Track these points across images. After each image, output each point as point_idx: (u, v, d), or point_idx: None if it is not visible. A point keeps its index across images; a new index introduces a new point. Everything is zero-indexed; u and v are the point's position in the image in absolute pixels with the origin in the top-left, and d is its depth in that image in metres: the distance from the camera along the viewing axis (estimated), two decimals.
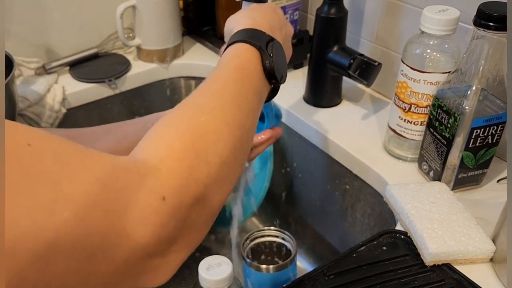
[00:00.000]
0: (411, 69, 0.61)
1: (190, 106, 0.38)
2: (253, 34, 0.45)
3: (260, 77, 0.43)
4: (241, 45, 0.44)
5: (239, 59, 0.43)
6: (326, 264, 0.53)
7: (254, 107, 0.42)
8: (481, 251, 0.52)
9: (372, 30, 0.79)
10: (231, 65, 0.42)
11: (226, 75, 0.41)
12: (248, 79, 0.42)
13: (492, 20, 0.52)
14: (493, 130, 0.58)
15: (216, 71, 0.42)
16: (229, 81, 0.41)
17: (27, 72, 0.84)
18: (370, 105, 0.80)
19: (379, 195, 0.67)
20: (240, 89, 0.40)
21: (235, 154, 0.37)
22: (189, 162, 0.32)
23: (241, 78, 0.41)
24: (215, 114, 0.37)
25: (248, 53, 0.43)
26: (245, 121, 0.39)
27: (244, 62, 0.43)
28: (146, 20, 0.89)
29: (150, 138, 0.34)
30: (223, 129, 0.36)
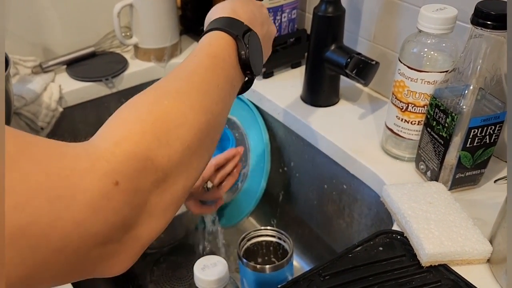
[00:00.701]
0: (408, 68, 0.61)
1: (154, 89, 0.37)
2: (230, 23, 0.44)
3: (234, 66, 0.42)
4: (217, 32, 0.43)
5: (212, 46, 0.42)
6: (321, 265, 0.52)
7: (225, 95, 0.40)
8: (478, 252, 0.52)
9: (369, 29, 0.79)
10: (204, 52, 0.41)
11: (198, 61, 0.40)
12: (220, 66, 0.41)
13: (489, 19, 0.51)
14: (491, 130, 0.57)
15: (188, 57, 0.41)
16: (200, 67, 0.40)
17: (23, 70, 0.84)
18: (367, 105, 0.79)
19: (376, 195, 0.66)
20: (211, 76, 0.39)
21: (201, 139, 0.35)
22: (147, 145, 0.31)
23: (212, 65, 0.40)
24: (180, 98, 0.35)
25: (223, 40, 0.42)
26: (213, 107, 0.38)
27: (218, 49, 0.41)
28: (144, 18, 0.89)
29: (109, 122, 0.33)
30: (188, 113, 0.35)
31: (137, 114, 0.33)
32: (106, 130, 0.33)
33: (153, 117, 0.33)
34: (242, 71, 0.43)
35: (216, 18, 0.45)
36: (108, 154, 0.29)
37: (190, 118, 0.35)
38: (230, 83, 0.42)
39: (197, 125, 0.35)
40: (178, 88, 0.37)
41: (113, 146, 0.30)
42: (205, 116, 0.36)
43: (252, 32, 0.45)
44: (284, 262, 0.63)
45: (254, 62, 0.44)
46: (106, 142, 0.30)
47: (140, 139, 0.31)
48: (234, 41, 0.43)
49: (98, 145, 0.30)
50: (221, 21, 0.44)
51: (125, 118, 0.33)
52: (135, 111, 0.34)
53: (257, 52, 0.45)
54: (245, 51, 0.42)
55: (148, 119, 0.33)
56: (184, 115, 0.35)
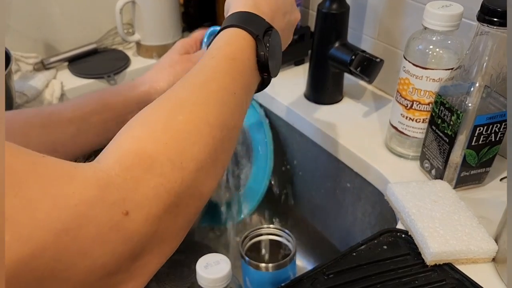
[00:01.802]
0: (413, 65, 0.60)
1: (169, 100, 0.35)
2: (251, 19, 0.41)
3: (252, 68, 0.40)
4: (236, 30, 0.40)
5: (232, 46, 0.39)
6: (325, 263, 0.52)
7: (242, 103, 0.38)
8: (483, 251, 0.51)
9: (374, 26, 0.78)
10: (222, 53, 0.39)
11: (215, 64, 0.38)
12: (238, 70, 0.38)
13: (496, 16, 0.51)
14: (496, 128, 0.57)
15: (205, 58, 0.39)
16: (217, 72, 0.37)
17: (25, 67, 0.84)
18: (371, 102, 0.79)
19: (380, 193, 0.66)
20: (229, 83, 0.37)
21: (215, 157, 0.33)
22: (160, 170, 0.29)
23: (231, 70, 0.38)
24: (196, 112, 0.33)
25: (243, 41, 0.40)
26: (229, 120, 0.36)
27: (237, 51, 0.39)
28: (146, 15, 0.89)
29: (120, 138, 0.31)
30: (203, 129, 0.33)
31: (150, 132, 0.31)
32: (116, 149, 0.30)
33: (167, 137, 0.31)
34: (260, 73, 0.41)
35: (237, 11, 0.42)
36: (119, 180, 0.28)
37: (205, 134, 0.33)
38: (248, 88, 0.40)
39: (212, 141, 0.33)
40: (194, 99, 0.34)
41: (125, 172, 0.28)
42: (221, 131, 0.34)
43: (274, 31, 0.42)
44: (287, 260, 0.63)
45: (273, 64, 0.42)
46: (116, 166, 0.28)
47: (153, 163, 0.29)
48: (254, 41, 0.40)
49: (108, 168, 0.28)
50: (242, 17, 0.41)
51: (137, 137, 0.31)
52: (148, 129, 0.32)
53: (277, 52, 0.43)
54: (264, 52, 0.40)
55: (161, 138, 0.31)
56: (200, 132, 0.33)
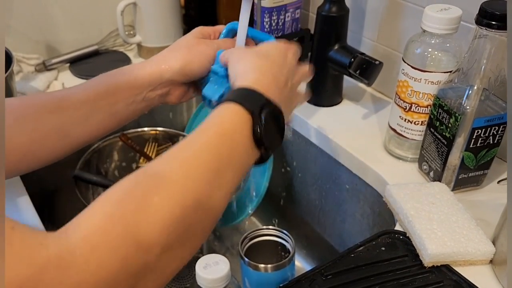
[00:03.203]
0: (412, 68, 0.61)
1: (149, 177, 0.33)
2: (249, 95, 0.41)
3: (247, 144, 0.39)
4: (231, 106, 0.40)
5: (224, 123, 0.39)
6: (324, 264, 0.52)
7: (226, 182, 0.37)
8: (480, 253, 0.51)
9: (373, 29, 0.79)
10: (214, 128, 0.38)
11: (204, 140, 0.37)
12: (228, 147, 0.38)
13: (494, 19, 0.51)
14: (495, 131, 0.57)
15: (196, 132, 0.38)
16: (204, 148, 0.36)
17: (27, 68, 0.84)
18: (370, 105, 0.79)
19: (378, 195, 0.66)
20: (214, 160, 0.36)
21: (184, 240, 0.32)
22: (125, 252, 0.28)
23: (219, 146, 0.37)
24: (173, 193, 0.32)
25: (237, 116, 0.39)
26: (207, 200, 0.34)
27: (229, 127, 0.38)
28: (147, 17, 0.89)
29: (94, 210, 0.30)
30: (177, 213, 0.32)
31: (122, 212, 0.30)
32: (87, 222, 0.29)
33: (138, 219, 0.30)
34: (257, 148, 0.40)
35: (237, 87, 0.42)
36: (81, 261, 0.27)
37: (179, 216, 0.32)
38: (238, 165, 0.39)
39: (183, 225, 0.32)
40: (174, 177, 0.33)
41: (89, 253, 0.27)
42: (195, 213, 0.33)
43: (272, 105, 0.41)
44: (286, 261, 0.63)
45: (270, 139, 0.41)
46: (83, 244, 0.28)
47: (120, 245, 0.28)
48: (249, 116, 0.39)
49: (74, 246, 0.28)
50: (240, 93, 0.41)
51: (109, 214, 0.30)
52: (121, 207, 0.30)
53: (275, 127, 0.41)
54: (260, 128, 0.39)
55: (132, 220, 0.30)
56: (172, 216, 0.31)
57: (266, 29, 0.84)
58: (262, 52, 0.47)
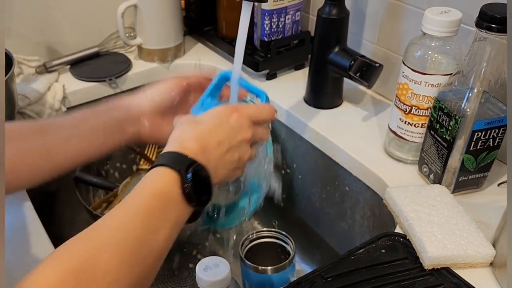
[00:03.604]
0: (412, 70, 0.61)
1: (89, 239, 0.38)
2: (175, 157, 0.45)
3: (178, 201, 0.43)
4: (160, 168, 0.44)
5: (154, 183, 0.43)
6: (324, 266, 0.52)
7: (164, 239, 0.41)
8: (481, 255, 0.52)
9: (373, 31, 0.79)
10: (146, 190, 0.42)
11: (138, 202, 0.41)
12: (161, 205, 0.41)
13: (494, 22, 0.51)
14: (495, 133, 0.57)
15: (130, 195, 0.42)
16: (139, 210, 0.40)
17: (27, 70, 0.84)
18: (371, 107, 0.79)
19: (379, 197, 0.66)
20: (150, 220, 0.40)
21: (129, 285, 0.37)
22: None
23: (153, 205, 0.41)
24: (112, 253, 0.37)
25: (167, 176, 0.43)
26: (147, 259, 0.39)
27: (161, 185, 0.42)
28: (147, 19, 0.89)
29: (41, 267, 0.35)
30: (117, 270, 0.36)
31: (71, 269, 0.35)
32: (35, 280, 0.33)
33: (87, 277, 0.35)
34: (188, 203, 0.44)
35: (163, 153, 0.46)
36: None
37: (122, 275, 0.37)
38: (173, 222, 0.42)
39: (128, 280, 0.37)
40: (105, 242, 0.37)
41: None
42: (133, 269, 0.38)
43: (198, 164, 0.45)
44: (286, 263, 0.63)
45: (199, 195, 0.44)
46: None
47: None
48: (178, 176, 0.43)
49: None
50: (166, 156, 0.45)
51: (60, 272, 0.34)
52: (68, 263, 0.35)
53: (202, 184, 0.45)
54: (187, 184, 0.43)
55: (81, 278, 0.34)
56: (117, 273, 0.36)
57: (266, 31, 0.84)
58: (198, 119, 0.50)
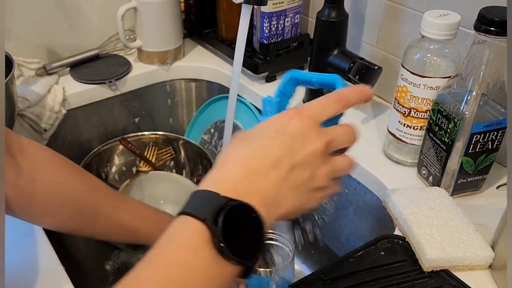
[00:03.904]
0: (411, 73, 0.61)
1: None
2: (203, 200, 0.33)
3: (212, 259, 0.32)
4: (182, 218, 0.33)
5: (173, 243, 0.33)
6: (323, 269, 0.52)
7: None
8: (479, 258, 0.52)
9: (373, 34, 0.79)
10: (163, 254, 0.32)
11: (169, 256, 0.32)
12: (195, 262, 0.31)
13: (493, 25, 0.52)
14: (493, 136, 0.57)
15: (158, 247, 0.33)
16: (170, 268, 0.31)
17: (27, 72, 0.84)
18: (370, 109, 0.80)
19: (378, 199, 0.66)
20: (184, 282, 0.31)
21: None
22: None
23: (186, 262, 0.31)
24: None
25: (189, 231, 0.32)
26: None
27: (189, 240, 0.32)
28: (147, 22, 0.89)
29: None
30: None
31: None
32: None
33: None
34: (227, 259, 0.32)
35: (195, 192, 0.35)
36: None
37: None
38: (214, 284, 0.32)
39: None
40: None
41: None
42: None
43: (233, 204, 0.32)
44: (286, 265, 0.64)
45: (243, 246, 0.33)
46: None
47: None
48: (204, 226, 0.32)
49: None
50: (194, 199, 0.34)
51: None
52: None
53: (248, 228, 0.33)
54: (218, 237, 0.31)
55: None
56: None
57: (266, 33, 0.85)
58: (249, 135, 0.38)
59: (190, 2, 0.98)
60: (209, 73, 0.95)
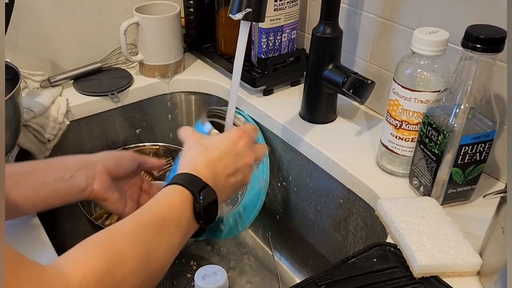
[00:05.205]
0: (402, 87, 0.63)
1: (116, 232, 0.44)
2: (190, 179, 0.51)
3: (189, 216, 0.50)
4: (177, 187, 0.50)
5: (172, 199, 0.49)
6: (317, 274, 0.54)
7: (173, 245, 0.47)
8: (468, 265, 0.53)
9: (366, 49, 0.82)
10: (164, 202, 0.49)
11: (157, 210, 0.48)
12: (174, 217, 0.48)
13: (479, 42, 0.54)
14: (481, 148, 0.60)
15: (150, 204, 0.48)
16: (157, 217, 0.47)
17: (32, 84, 0.87)
18: (363, 122, 0.82)
19: (371, 208, 0.68)
20: (165, 227, 0.46)
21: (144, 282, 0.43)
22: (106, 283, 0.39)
23: (168, 216, 0.47)
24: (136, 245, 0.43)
25: (182, 194, 0.50)
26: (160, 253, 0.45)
27: (177, 202, 0.49)
28: (149, 36, 0.92)
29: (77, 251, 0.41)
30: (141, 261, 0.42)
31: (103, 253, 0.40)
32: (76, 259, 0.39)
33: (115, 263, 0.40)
34: (196, 221, 0.50)
35: (180, 173, 0.52)
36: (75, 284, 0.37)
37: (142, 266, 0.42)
38: (182, 233, 0.49)
39: (146, 272, 0.43)
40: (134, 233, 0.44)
41: (80, 279, 0.37)
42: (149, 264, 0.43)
43: (209, 188, 0.52)
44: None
45: (207, 215, 0.51)
46: (75, 274, 0.38)
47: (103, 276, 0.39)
48: (191, 196, 0.50)
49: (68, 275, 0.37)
50: (183, 177, 0.52)
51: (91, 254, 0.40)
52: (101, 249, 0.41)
53: (210, 206, 0.51)
54: (199, 205, 0.50)
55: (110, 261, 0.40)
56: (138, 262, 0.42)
57: (263, 49, 0.87)
58: (207, 145, 0.57)
59: (191, 18, 1.01)
60: (209, 86, 0.98)
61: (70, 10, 0.91)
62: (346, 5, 0.82)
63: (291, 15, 0.87)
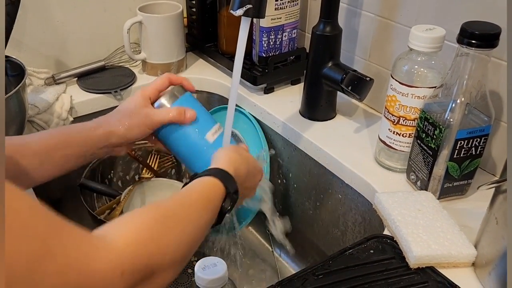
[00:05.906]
0: (399, 83, 0.64)
1: (161, 207, 0.48)
2: (229, 179, 0.56)
3: (215, 211, 0.54)
4: (217, 181, 0.55)
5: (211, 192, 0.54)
6: (315, 265, 0.55)
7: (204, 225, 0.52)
8: (463, 256, 0.55)
9: (365, 48, 0.83)
10: (206, 190, 0.54)
11: (197, 195, 0.53)
12: (210, 206, 0.53)
13: (474, 38, 0.55)
14: (477, 142, 0.61)
15: (191, 186, 0.54)
16: (196, 200, 0.52)
17: (37, 81, 0.88)
18: (362, 119, 0.83)
19: (369, 204, 0.69)
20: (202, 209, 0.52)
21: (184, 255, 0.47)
22: (151, 250, 0.41)
23: (206, 201, 0.53)
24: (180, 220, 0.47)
25: (219, 190, 0.55)
26: (196, 233, 0.50)
27: (215, 196, 0.54)
28: (152, 35, 0.94)
29: (125, 220, 0.43)
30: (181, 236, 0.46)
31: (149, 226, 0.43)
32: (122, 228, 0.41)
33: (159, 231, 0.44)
34: (218, 215, 0.55)
35: (223, 168, 0.57)
36: (120, 250, 0.38)
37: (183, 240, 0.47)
38: (210, 219, 0.54)
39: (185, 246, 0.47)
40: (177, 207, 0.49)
41: (124, 246, 0.39)
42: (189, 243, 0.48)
43: (238, 194, 0.57)
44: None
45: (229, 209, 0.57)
46: (121, 240, 0.39)
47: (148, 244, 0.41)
48: (224, 194, 0.55)
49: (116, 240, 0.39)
50: (219, 172, 0.56)
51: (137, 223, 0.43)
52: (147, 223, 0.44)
53: (234, 202, 0.57)
54: (228, 204, 0.55)
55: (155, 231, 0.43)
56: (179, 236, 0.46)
57: (264, 47, 0.89)
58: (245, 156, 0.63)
59: (193, 17, 1.03)
60: (210, 85, 0.99)
61: (75, 9, 0.93)
62: (346, 4, 0.83)
63: (291, 15, 0.88)
